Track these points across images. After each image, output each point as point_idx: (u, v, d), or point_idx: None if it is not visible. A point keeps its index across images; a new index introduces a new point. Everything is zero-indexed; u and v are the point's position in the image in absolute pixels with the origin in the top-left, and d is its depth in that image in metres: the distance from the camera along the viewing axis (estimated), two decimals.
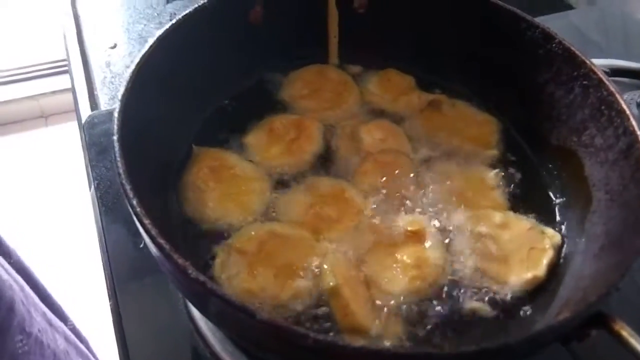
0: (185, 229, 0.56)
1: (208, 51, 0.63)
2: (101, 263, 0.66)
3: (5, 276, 0.67)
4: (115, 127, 0.47)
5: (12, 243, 0.81)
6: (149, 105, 0.54)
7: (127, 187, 0.43)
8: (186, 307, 0.61)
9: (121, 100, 0.50)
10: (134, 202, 0.42)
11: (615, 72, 0.90)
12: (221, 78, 0.67)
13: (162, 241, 0.40)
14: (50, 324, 0.78)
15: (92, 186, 0.72)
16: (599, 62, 0.62)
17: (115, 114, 0.49)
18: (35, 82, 2.24)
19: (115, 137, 0.47)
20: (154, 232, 0.40)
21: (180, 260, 0.39)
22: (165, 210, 0.56)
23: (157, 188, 0.55)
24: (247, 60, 0.69)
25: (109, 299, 0.63)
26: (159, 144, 0.56)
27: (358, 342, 0.45)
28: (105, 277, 0.65)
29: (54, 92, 2.23)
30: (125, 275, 0.64)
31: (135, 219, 0.42)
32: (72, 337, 0.84)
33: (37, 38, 2.24)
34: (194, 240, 0.55)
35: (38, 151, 2.11)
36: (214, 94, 0.67)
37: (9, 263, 0.75)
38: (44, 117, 2.28)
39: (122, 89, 0.51)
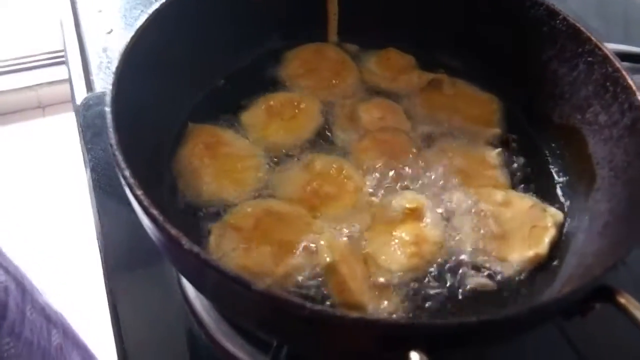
0: (179, 206, 0.55)
1: (204, 28, 0.61)
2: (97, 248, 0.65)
3: (2, 277, 0.67)
4: (109, 99, 0.46)
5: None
6: (144, 81, 0.52)
7: (119, 157, 0.42)
8: (181, 288, 0.60)
9: (115, 73, 0.49)
10: (127, 173, 0.41)
11: (617, 56, 0.89)
12: (217, 56, 0.65)
13: (154, 212, 0.39)
14: (49, 319, 0.78)
15: (88, 169, 0.71)
16: None
17: (110, 87, 0.47)
18: (33, 72, 2.22)
19: (108, 109, 0.45)
20: (146, 202, 0.39)
21: (174, 231, 0.38)
22: (159, 186, 0.54)
23: (151, 164, 0.53)
24: (244, 39, 0.67)
25: (105, 283, 0.63)
26: (153, 119, 0.55)
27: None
28: (101, 260, 0.64)
29: (51, 83, 2.21)
30: (120, 258, 0.64)
31: (127, 190, 0.41)
32: (73, 330, 0.84)
33: (34, 28, 2.22)
34: (189, 218, 0.54)
35: (36, 141, 2.10)
36: (210, 72, 0.66)
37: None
38: (42, 108, 2.27)
39: (116, 62, 0.49)
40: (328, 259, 0.49)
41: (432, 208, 0.56)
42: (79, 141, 0.76)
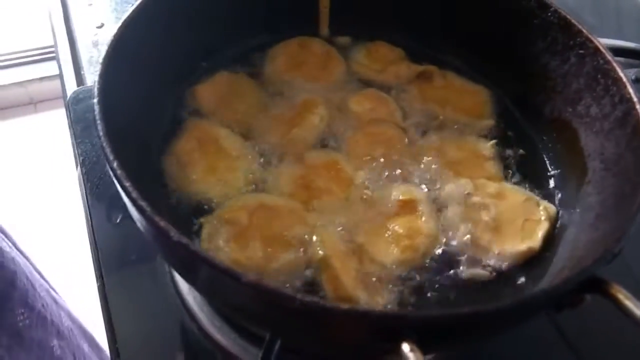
0: (171, 201, 0.54)
1: (193, 20, 0.61)
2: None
3: (8, 249, 0.66)
4: (96, 90, 0.46)
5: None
6: (132, 73, 0.52)
7: (108, 148, 0.41)
8: (173, 282, 0.60)
9: (102, 64, 0.48)
10: (115, 164, 0.40)
11: (610, 51, 0.89)
12: (207, 49, 0.65)
13: (143, 203, 0.38)
14: (56, 301, 0.77)
15: (78, 164, 0.70)
16: None
17: (97, 77, 0.47)
18: (24, 68, 2.20)
19: (95, 100, 0.45)
20: (134, 194, 0.39)
21: (163, 223, 0.37)
22: (150, 180, 0.54)
23: (141, 157, 0.53)
24: (234, 32, 0.67)
25: (97, 279, 0.62)
26: (143, 112, 0.54)
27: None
28: (92, 256, 0.63)
29: (42, 79, 2.19)
30: (111, 254, 0.63)
31: (115, 181, 0.40)
32: (77, 317, 0.83)
33: (25, 24, 2.20)
34: (181, 213, 0.54)
35: (27, 138, 2.08)
36: (199, 65, 0.65)
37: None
38: (34, 104, 2.25)
39: (103, 53, 0.49)
40: (321, 253, 0.49)
41: (426, 200, 0.56)
42: (69, 136, 0.76)
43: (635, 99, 0.52)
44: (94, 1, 0.96)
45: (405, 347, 0.34)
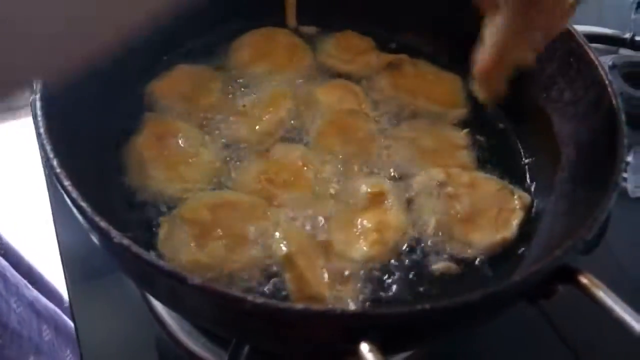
0: (129, 199, 0.52)
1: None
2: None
3: None
4: (38, 85, 0.43)
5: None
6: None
7: (48, 147, 0.39)
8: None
9: None
10: (54, 162, 0.38)
11: (589, 38, 0.88)
12: (166, 42, 0.62)
13: (83, 204, 0.36)
14: (39, 314, 0.75)
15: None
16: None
17: None
18: None
19: (37, 96, 0.42)
20: (74, 194, 0.36)
21: (103, 224, 0.35)
22: (102, 181, 0.51)
23: (97, 155, 0.50)
24: (194, 25, 0.64)
25: (67, 288, 0.61)
26: (99, 108, 0.51)
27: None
28: (62, 264, 0.62)
29: None
30: (77, 261, 0.61)
31: (55, 181, 0.38)
32: (66, 324, 0.81)
33: None
34: (139, 212, 0.51)
35: (6, 144, 2.04)
36: (158, 58, 0.63)
37: None
38: (12, 110, 2.21)
39: None
40: (284, 250, 0.47)
41: (396, 192, 0.54)
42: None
43: (607, 82, 0.50)
44: None
45: (364, 347, 0.32)
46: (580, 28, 0.85)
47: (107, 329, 0.59)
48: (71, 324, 0.81)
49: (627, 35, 0.87)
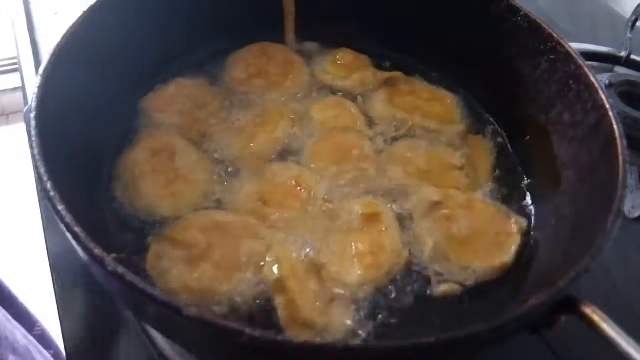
0: (121, 217, 0.51)
1: (147, 28, 0.57)
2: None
3: None
4: (34, 103, 0.42)
5: None
6: (79, 83, 0.49)
7: (42, 169, 0.38)
8: None
9: (42, 75, 0.44)
10: (48, 185, 0.37)
11: (584, 56, 0.88)
12: (165, 57, 0.62)
13: (77, 229, 0.35)
14: (9, 320, 0.74)
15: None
16: None
17: (35, 89, 0.43)
18: None
19: (32, 115, 0.41)
20: (68, 218, 0.35)
21: (97, 251, 0.34)
22: (94, 198, 0.50)
23: (85, 173, 0.49)
24: (192, 39, 0.63)
25: (56, 300, 0.59)
26: (91, 124, 0.50)
27: (301, 337, 0.41)
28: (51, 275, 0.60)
29: (14, 89, 2.13)
30: (67, 273, 0.59)
31: (49, 204, 0.37)
32: (33, 339, 0.79)
33: None
34: (130, 231, 0.50)
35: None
36: (155, 73, 0.62)
37: None
38: (5, 115, 2.19)
39: (44, 62, 0.45)
40: (276, 274, 0.45)
41: (391, 213, 0.53)
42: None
43: (607, 106, 0.49)
44: (59, 10, 0.92)
45: None
46: (576, 46, 0.85)
47: (95, 346, 0.57)
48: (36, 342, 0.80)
49: (623, 54, 0.88)
